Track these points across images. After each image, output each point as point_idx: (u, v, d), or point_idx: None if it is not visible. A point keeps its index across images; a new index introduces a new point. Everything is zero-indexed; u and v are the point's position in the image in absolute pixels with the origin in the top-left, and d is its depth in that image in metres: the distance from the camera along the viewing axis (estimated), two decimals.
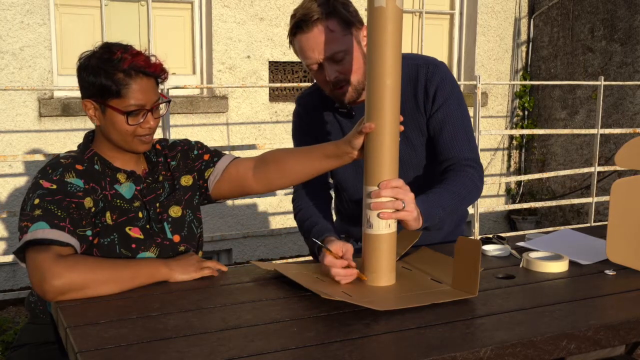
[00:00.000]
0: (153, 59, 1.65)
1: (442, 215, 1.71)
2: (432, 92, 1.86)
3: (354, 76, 1.82)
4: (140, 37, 4.42)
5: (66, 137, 4.14)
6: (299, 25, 1.80)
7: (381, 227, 1.54)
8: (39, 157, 3.26)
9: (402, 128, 1.57)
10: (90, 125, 4.11)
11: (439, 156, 1.89)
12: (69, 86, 3.59)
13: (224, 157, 1.84)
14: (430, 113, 1.87)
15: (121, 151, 1.68)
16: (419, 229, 1.64)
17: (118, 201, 1.64)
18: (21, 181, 4.09)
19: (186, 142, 1.84)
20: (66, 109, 4.08)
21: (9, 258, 3.38)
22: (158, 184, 1.73)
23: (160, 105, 1.68)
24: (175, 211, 1.74)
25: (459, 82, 5.09)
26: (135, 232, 1.64)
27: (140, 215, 1.66)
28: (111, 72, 1.58)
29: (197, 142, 1.85)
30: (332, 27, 1.77)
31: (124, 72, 1.58)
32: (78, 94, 4.48)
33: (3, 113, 3.97)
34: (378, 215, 1.53)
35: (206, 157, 1.82)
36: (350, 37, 1.80)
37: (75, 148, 1.76)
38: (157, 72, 1.64)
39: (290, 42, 1.87)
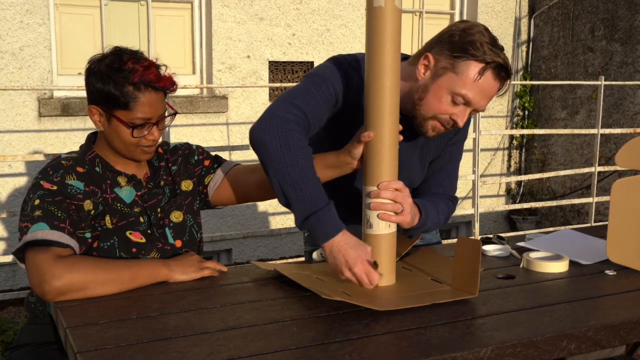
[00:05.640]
0: (163, 70, 1.64)
1: (429, 225, 1.75)
2: (458, 127, 1.79)
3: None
4: (140, 37, 4.42)
5: (66, 137, 4.14)
6: (499, 68, 1.61)
7: (381, 227, 1.54)
8: (39, 157, 3.26)
9: (401, 138, 1.57)
10: (90, 125, 4.10)
11: (432, 182, 1.90)
12: (68, 86, 3.59)
13: (225, 164, 1.83)
14: (448, 141, 1.87)
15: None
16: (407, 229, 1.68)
17: (118, 205, 1.64)
18: (21, 181, 4.09)
19: (187, 146, 1.83)
20: (66, 109, 4.07)
21: (9, 258, 3.38)
22: (159, 189, 1.73)
23: (166, 118, 1.68)
24: (176, 216, 1.73)
25: None
26: (136, 237, 1.64)
27: (142, 220, 1.66)
28: (120, 83, 1.56)
29: (197, 147, 1.85)
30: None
31: (133, 85, 1.56)
32: (78, 94, 4.47)
33: (3, 113, 3.97)
34: (377, 216, 1.53)
35: (206, 162, 1.82)
36: None
37: (74, 148, 1.76)
38: (166, 87, 1.63)
39: (481, 73, 1.59)
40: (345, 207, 1.79)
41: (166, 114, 1.68)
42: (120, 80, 1.56)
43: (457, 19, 5.49)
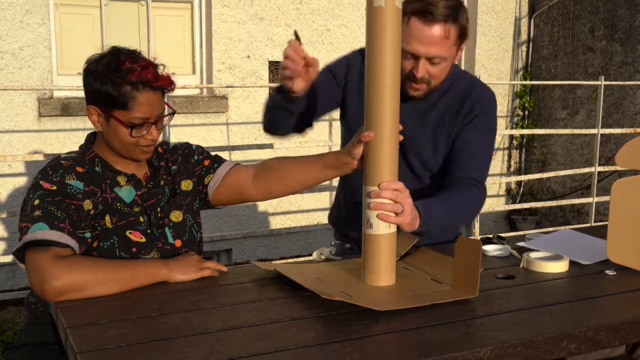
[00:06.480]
0: (161, 69, 1.64)
1: (436, 224, 1.73)
2: (475, 113, 1.91)
3: (435, 81, 1.84)
4: (140, 37, 4.42)
5: (66, 137, 4.14)
6: (422, 12, 1.73)
7: (381, 228, 1.54)
8: (39, 157, 3.26)
9: (401, 137, 1.57)
10: (90, 125, 4.10)
11: (452, 167, 1.91)
12: (68, 86, 3.59)
13: (224, 164, 1.83)
14: (462, 126, 1.91)
15: None
16: (411, 232, 1.66)
17: (118, 204, 1.64)
18: (21, 181, 4.09)
19: (187, 146, 1.83)
20: (66, 108, 4.07)
21: (9, 258, 3.38)
22: (159, 189, 1.73)
23: (164, 117, 1.68)
24: (176, 216, 1.73)
25: None
26: (135, 236, 1.64)
27: (142, 219, 1.66)
28: (118, 83, 1.56)
29: (197, 147, 1.85)
30: (451, 33, 1.76)
31: (131, 84, 1.56)
32: (78, 94, 4.47)
33: (3, 113, 3.97)
34: (377, 216, 1.53)
35: (206, 162, 1.82)
36: (455, 48, 1.82)
37: (74, 148, 1.76)
38: (164, 86, 1.63)
39: (406, 23, 1.75)
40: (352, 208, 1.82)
41: (165, 113, 1.68)
42: (118, 80, 1.56)
43: None
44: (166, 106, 1.69)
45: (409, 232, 1.64)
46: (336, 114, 2.09)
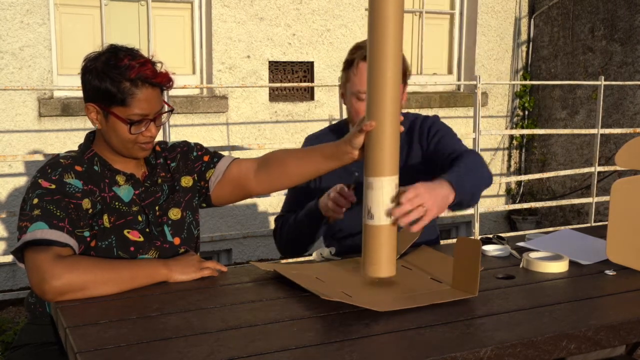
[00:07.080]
0: (159, 67, 1.64)
1: (467, 190, 1.71)
2: (427, 127, 2.07)
3: None
4: (140, 37, 4.42)
5: (66, 137, 4.14)
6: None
7: (382, 219, 1.53)
8: (39, 157, 3.26)
9: (402, 129, 1.57)
10: (90, 125, 4.10)
11: (441, 160, 1.97)
12: (68, 86, 3.59)
13: (224, 158, 1.83)
14: (428, 142, 2.05)
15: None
16: (452, 205, 1.67)
17: (116, 204, 1.64)
18: (21, 181, 4.09)
19: (185, 143, 1.84)
20: (66, 108, 4.08)
21: (9, 258, 3.38)
22: (157, 187, 1.73)
23: (163, 114, 1.68)
24: (174, 213, 1.73)
25: (458, 82, 5.07)
26: (134, 235, 1.64)
27: (140, 219, 1.66)
28: (117, 80, 1.56)
29: (196, 144, 1.85)
30: None
31: (130, 81, 1.57)
32: (78, 94, 4.47)
33: (3, 113, 3.97)
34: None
35: (206, 158, 1.82)
36: (401, 87, 1.88)
37: (74, 148, 1.76)
38: (163, 83, 1.63)
39: (350, 64, 2.02)
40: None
41: (163, 110, 1.68)
42: (117, 76, 1.56)
43: (457, 19, 5.50)
44: (165, 104, 1.69)
45: (449, 205, 1.66)
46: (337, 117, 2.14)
